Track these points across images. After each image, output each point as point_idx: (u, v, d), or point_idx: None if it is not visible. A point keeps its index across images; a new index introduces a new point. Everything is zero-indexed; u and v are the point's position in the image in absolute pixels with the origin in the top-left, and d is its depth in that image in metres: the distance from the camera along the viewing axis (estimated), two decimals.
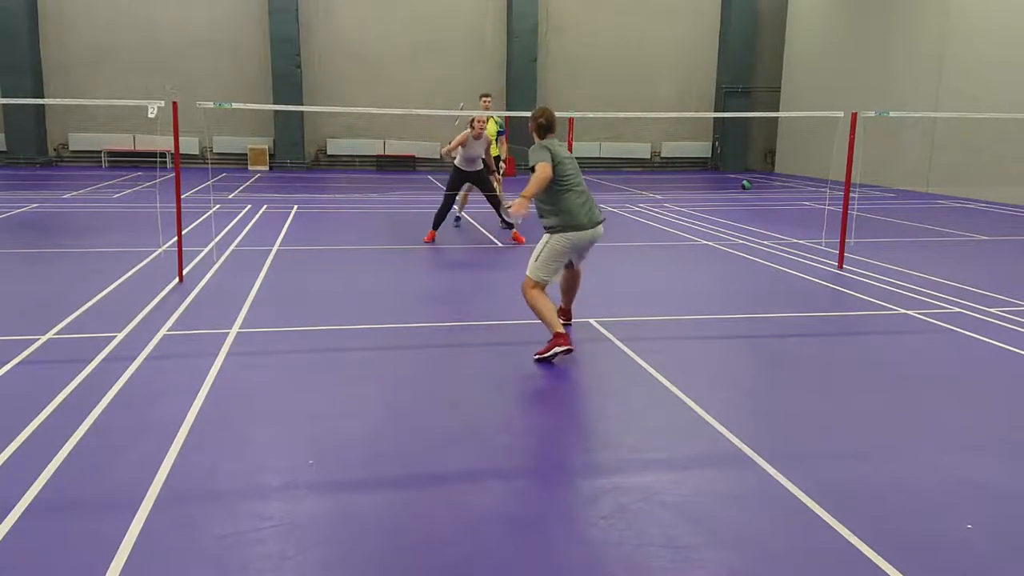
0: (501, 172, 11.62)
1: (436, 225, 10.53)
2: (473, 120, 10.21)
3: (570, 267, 6.18)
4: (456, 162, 10.50)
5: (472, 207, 12.70)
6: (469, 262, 9.41)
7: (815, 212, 14.31)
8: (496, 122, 11.29)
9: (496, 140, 11.42)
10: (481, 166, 10.53)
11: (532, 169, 5.70)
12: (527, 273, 5.71)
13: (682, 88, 24.86)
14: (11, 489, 3.47)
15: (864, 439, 4.25)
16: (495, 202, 10.84)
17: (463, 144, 10.23)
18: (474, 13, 24.01)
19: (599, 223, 5.84)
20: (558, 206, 5.71)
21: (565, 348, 5.55)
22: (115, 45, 22.15)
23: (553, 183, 5.67)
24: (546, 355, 5.57)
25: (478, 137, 10.24)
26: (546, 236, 5.78)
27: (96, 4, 22.02)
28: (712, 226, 12.33)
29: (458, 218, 11.96)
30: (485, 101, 11.53)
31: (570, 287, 6.33)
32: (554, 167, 5.67)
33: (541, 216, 5.82)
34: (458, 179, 10.60)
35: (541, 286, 5.72)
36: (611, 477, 3.76)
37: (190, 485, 3.58)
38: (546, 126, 5.96)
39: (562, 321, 6.18)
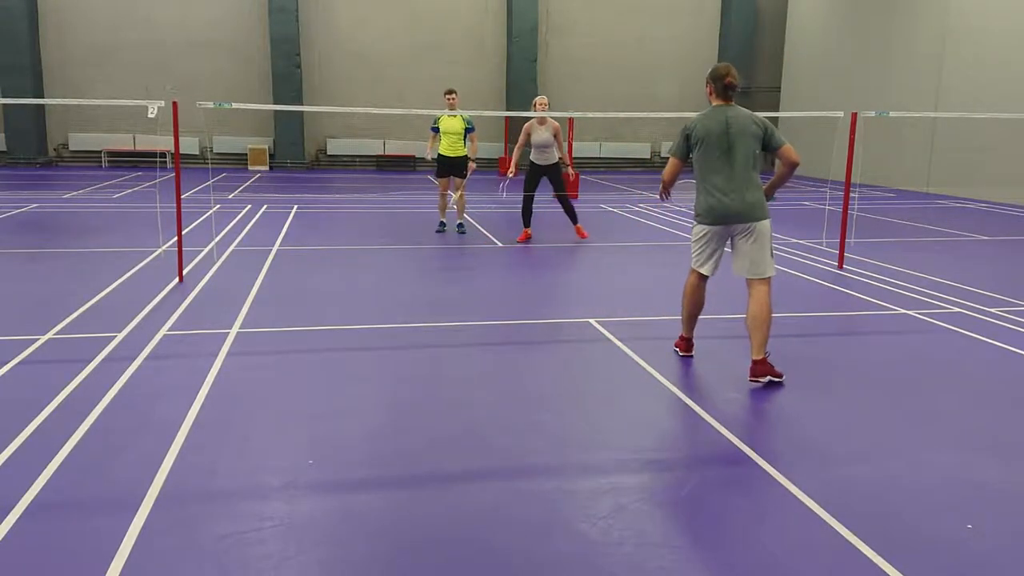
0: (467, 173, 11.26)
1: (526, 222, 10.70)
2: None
3: (751, 288, 5.27)
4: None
5: (471, 208, 12.66)
6: (469, 262, 9.41)
7: (815, 212, 14.31)
8: (464, 119, 10.95)
9: (464, 137, 10.91)
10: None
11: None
12: None
13: (682, 88, 24.83)
14: (11, 489, 3.47)
15: (864, 439, 4.25)
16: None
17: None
18: (474, 13, 24.00)
19: (729, 220, 5.17)
20: (697, 187, 5.39)
21: (682, 353, 5.61)
22: (115, 45, 22.15)
23: (694, 164, 5.35)
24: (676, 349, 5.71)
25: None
26: None
27: (96, 4, 22.02)
28: None
29: (460, 224, 11.32)
30: (451, 98, 10.79)
31: (752, 323, 5.14)
32: (691, 150, 5.30)
33: None
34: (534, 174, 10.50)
35: (695, 276, 5.48)
36: (611, 477, 3.76)
37: (190, 485, 3.57)
38: (715, 88, 5.24)
39: (764, 378, 5.04)
